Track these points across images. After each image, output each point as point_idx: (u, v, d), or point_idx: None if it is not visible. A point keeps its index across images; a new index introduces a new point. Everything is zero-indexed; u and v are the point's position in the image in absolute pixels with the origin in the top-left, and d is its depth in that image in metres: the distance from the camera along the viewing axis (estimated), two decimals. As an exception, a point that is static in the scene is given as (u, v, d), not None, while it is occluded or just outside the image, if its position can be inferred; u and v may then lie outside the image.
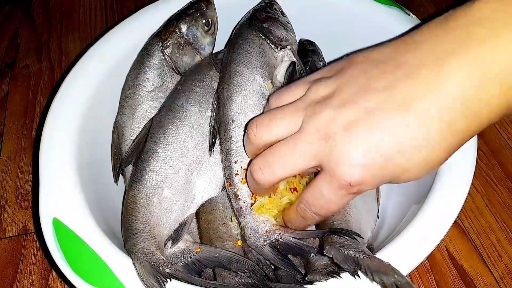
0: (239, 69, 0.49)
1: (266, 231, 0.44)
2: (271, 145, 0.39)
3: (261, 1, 0.58)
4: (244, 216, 0.45)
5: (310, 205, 0.39)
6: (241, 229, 0.46)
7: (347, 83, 0.36)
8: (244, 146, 0.44)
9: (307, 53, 0.59)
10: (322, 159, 0.35)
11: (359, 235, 0.40)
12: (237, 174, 0.46)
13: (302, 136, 0.36)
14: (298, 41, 0.60)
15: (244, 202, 0.45)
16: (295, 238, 0.43)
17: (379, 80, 0.34)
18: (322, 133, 0.35)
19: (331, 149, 0.34)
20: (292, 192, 0.44)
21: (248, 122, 0.45)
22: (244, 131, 0.46)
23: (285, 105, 0.40)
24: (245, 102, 0.48)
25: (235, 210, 0.46)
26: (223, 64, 0.52)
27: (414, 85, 0.33)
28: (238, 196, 0.45)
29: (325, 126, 0.35)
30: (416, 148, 0.33)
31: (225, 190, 0.49)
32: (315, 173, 0.42)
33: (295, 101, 0.39)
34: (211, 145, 0.48)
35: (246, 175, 0.45)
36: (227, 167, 0.47)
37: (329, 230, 0.42)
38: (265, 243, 0.43)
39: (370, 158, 0.33)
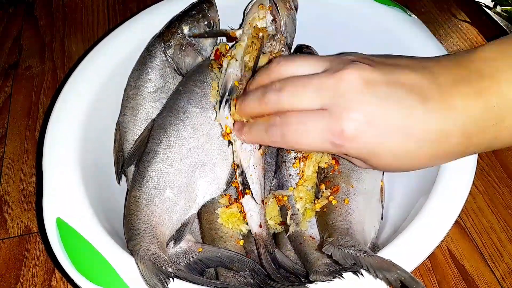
0: None
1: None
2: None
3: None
4: None
5: (287, 124, 0.38)
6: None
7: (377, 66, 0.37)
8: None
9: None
10: (333, 96, 0.35)
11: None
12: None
13: (321, 75, 0.37)
14: (296, 46, 0.61)
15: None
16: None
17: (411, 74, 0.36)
18: (340, 81, 0.35)
19: (345, 93, 0.35)
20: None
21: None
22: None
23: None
24: None
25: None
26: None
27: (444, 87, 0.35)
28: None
29: (346, 74, 0.35)
30: (421, 141, 0.35)
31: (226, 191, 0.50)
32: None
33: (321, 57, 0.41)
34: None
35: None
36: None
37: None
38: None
39: (375, 123, 0.35)
